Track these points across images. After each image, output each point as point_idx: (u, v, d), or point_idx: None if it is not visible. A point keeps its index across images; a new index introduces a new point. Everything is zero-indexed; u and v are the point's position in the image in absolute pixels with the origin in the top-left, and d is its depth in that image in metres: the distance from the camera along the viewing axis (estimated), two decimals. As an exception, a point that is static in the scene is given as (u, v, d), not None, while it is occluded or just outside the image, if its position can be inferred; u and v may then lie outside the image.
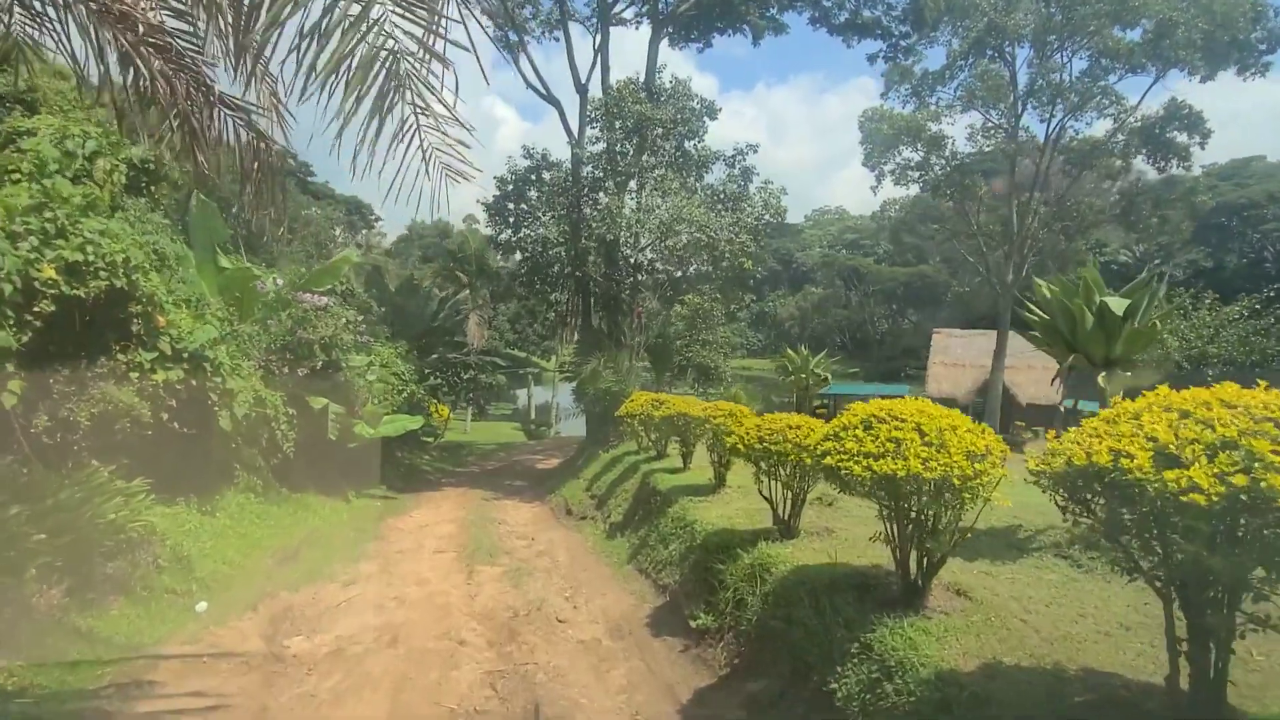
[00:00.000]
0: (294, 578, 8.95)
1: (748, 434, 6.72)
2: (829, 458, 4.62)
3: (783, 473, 6.74)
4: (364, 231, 64.01)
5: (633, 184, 17.34)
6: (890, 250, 68.80)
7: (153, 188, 12.07)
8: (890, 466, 4.23)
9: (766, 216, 18.22)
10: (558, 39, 21.53)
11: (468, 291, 26.66)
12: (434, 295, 23.68)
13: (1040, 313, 6.24)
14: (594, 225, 16.66)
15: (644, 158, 17.11)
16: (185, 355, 8.97)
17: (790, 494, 6.80)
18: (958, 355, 42.19)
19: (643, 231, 16.37)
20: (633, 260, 18.24)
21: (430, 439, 24.75)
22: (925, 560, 4.69)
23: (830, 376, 14.99)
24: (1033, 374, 40.29)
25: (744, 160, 18.53)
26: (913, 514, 4.59)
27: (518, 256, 18.65)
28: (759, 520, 7.95)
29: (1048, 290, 5.98)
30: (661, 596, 8.11)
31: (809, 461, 5.13)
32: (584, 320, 19.59)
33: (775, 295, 67.59)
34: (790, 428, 6.54)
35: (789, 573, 5.72)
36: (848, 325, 68.09)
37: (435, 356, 24.40)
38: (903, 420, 4.53)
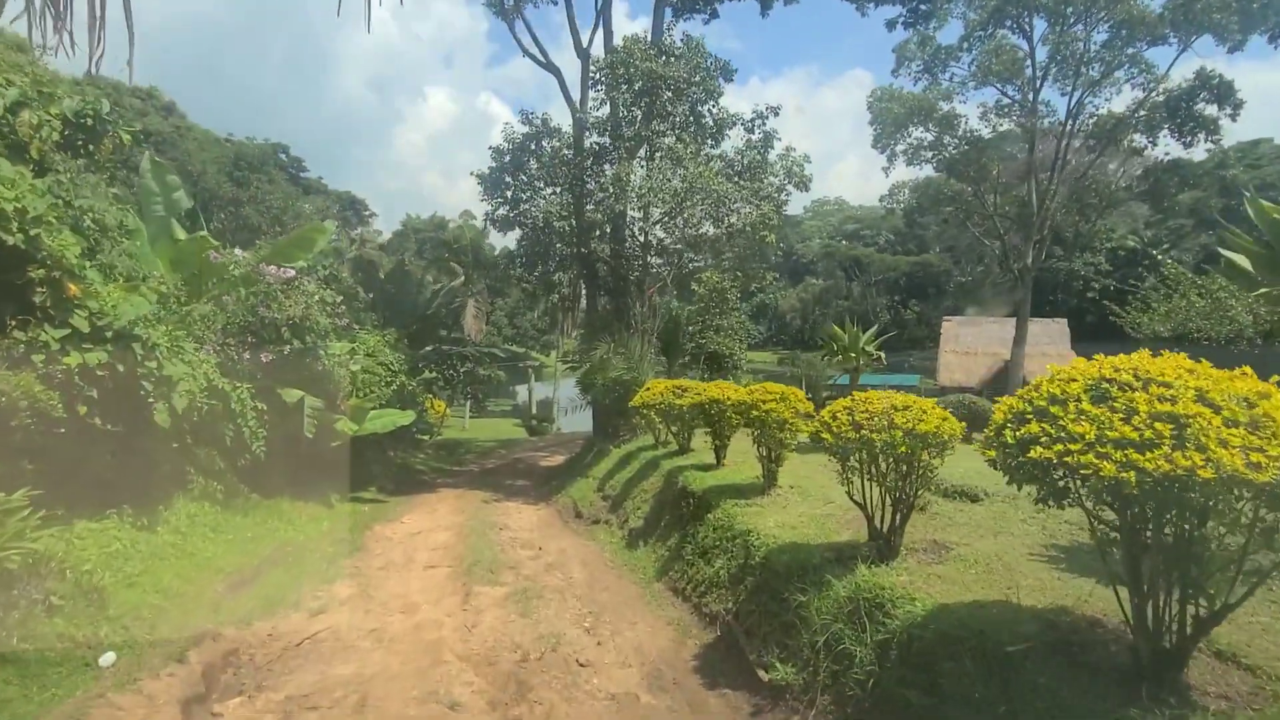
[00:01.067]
0: (248, 608, 7.11)
1: (837, 420, 4.88)
2: (1038, 449, 2.78)
3: (879, 469, 4.92)
4: (360, 229, 62.14)
5: (642, 152, 15.43)
6: (892, 239, 67.27)
7: (91, 146, 10.17)
8: (1182, 462, 2.39)
9: (789, 187, 16.41)
10: (555, 1, 19.60)
11: (463, 280, 24.80)
12: (427, 283, 21.82)
13: (1250, 244, 4.43)
14: (600, 196, 14.78)
15: (654, 124, 15.22)
16: (109, 334, 7.12)
17: (892, 499, 4.97)
18: (969, 343, 40.51)
19: (655, 201, 14.49)
20: (641, 239, 16.38)
21: (425, 436, 22.90)
22: (1191, 611, 2.86)
23: (884, 356, 13.10)
24: (1048, 361, 38.51)
25: (764, 125, 16.69)
26: (1168, 536, 2.77)
27: (516, 234, 16.84)
28: (834, 531, 6.13)
29: (1274, 210, 4.15)
30: (709, 629, 6.29)
31: (996, 454, 3.29)
32: (589, 304, 17.73)
33: (776, 287, 65.86)
34: (896, 409, 4.71)
35: (926, 616, 3.89)
36: (849, 316, 66.30)
37: (430, 348, 22.52)
38: (1168, 384, 2.69)
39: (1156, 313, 15.68)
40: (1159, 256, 48.87)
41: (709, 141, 15.96)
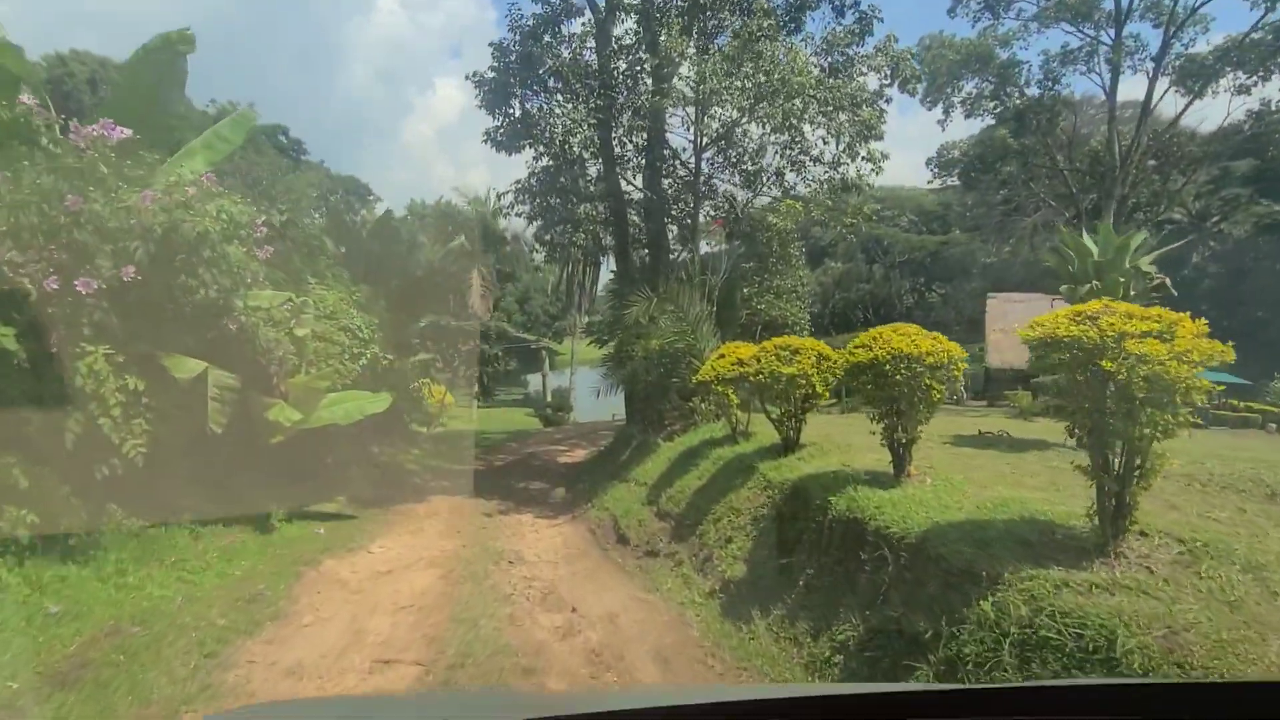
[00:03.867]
0: None
1: None
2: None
3: None
4: (362, 212, 57.62)
5: (691, 48, 10.87)
6: (915, 220, 62.69)
7: None
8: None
9: (891, 88, 12.05)
10: None
11: (464, 244, 20.42)
12: (421, 244, 17.51)
13: None
14: (634, 105, 10.42)
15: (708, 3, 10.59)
16: None
17: None
18: (1019, 322, 35.86)
19: (725, 96, 9.94)
20: (690, 167, 11.95)
21: (422, 428, 18.57)
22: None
23: (1169, 282, 8.41)
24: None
25: (858, 4, 11.95)
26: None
27: (526, 158, 12.34)
28: None
29: None
30: None
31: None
32: (619, 258, 13.32)
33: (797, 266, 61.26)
34: None
35: None
36: (871, 301, 61.86)
37: (425, 323, 18.18)
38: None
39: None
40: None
41: (789, 25, 11.29)
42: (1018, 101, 25.87)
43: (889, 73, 12.06)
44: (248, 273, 7.88)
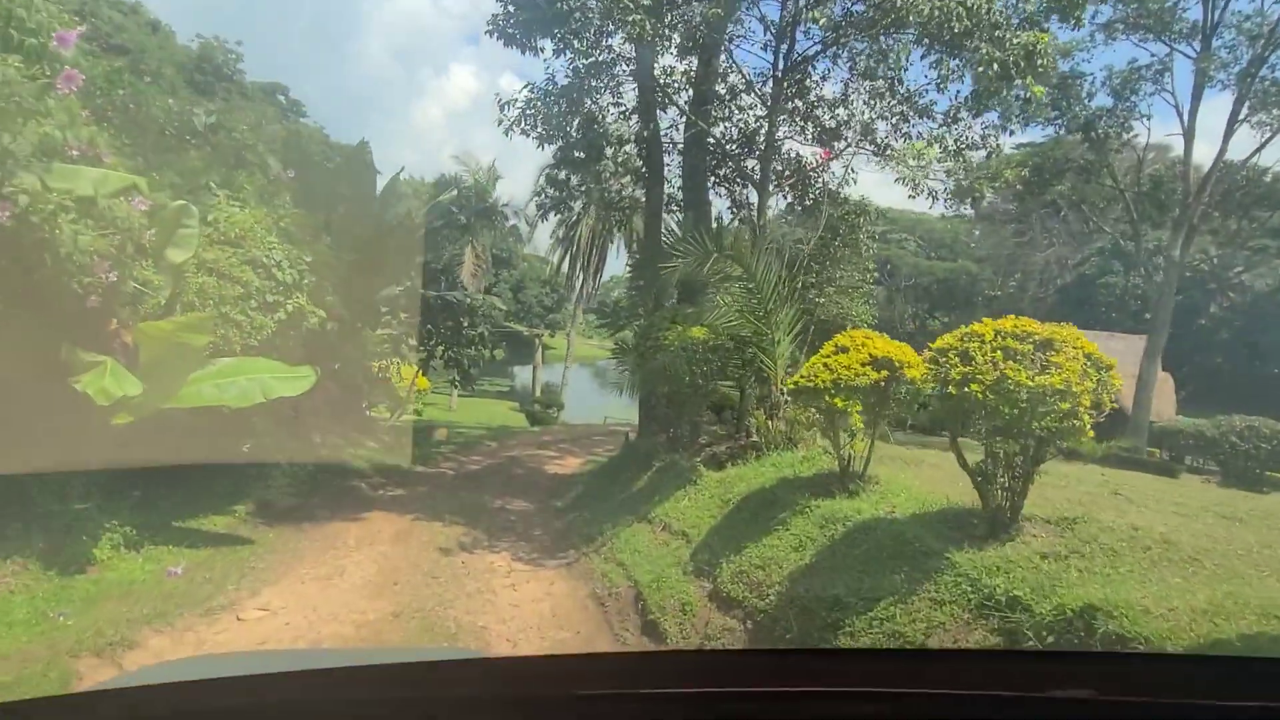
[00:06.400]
0: None
1: None
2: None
3: None
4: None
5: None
6: (923, 244, 60.10)
7: None
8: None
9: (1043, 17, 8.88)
10: None
11: (455, 197, 17.00)
12: (403, 194, 14.04)
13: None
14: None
15: None
16: None
17: None
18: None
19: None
20: (747, 103, 8.54)
21: (385, 415, 14.98)
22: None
23: None
24: (1130, 385, 31.03)
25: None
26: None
27: (546, 64, 8.74)
28: None
29: None
30: None
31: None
32: (651, 217, 9.86)
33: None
34: None
35: None
36: (875, 327, 58.95)
37: (401, 290, 14.60)
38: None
39: None
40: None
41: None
42: (1083, 112, 22.83)
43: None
44: (62, 134, 4.38)
